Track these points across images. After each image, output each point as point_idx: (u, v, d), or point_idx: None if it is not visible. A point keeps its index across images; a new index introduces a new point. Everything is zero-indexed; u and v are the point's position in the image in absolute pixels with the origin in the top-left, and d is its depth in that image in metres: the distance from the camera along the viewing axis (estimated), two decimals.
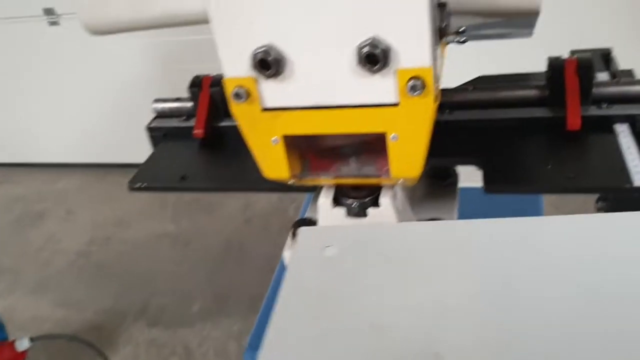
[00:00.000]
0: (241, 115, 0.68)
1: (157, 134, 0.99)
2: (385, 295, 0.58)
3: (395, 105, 0.64)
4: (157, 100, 1.00)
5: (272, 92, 0.65)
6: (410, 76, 0.61)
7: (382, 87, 0.63)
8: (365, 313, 0.57)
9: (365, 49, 0.59)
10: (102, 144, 3.18)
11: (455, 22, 0.79)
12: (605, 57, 1.05)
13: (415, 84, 0.60)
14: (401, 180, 0.72)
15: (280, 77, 0.64)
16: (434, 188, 0.93)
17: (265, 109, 0.67)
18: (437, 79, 0.65)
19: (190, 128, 0.96)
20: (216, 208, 2.77)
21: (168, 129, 0.99)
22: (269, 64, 0.62)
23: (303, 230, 0.68)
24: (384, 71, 0.61)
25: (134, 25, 0.67)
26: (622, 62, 1.08)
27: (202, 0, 0.61)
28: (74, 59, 2.86)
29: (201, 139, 0.94)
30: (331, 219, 0.78)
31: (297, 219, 0.83)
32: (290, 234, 0.82)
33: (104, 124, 3.11)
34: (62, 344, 2.00)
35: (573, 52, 1.06)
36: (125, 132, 2.83)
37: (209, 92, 0.94)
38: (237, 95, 0.65)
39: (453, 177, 0.94)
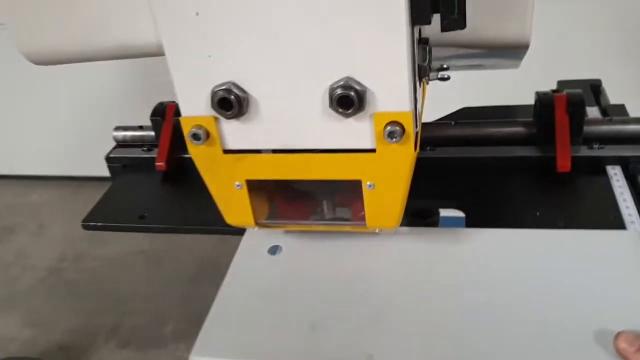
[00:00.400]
0: (200, 157, 0.61)
1: (116, 165, 0.92)
2: (325, 297, 0.62)
3: (371, 151, 0.57)
4: (118, 128, 0.93)
5: (234, 133, 0.59)
6: (387, 121, 0.54)
7: (357, 132, 0.56)
8: (303, 312, 0.61)
9: (338, 91, 0.53)
10: (76, 156, 3.09)
11: (439, 53, 0.74)
12: (594, 89, 1.00)
13: (393, 130, 0.54)
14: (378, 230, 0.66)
15: (244, 117, 0.57)
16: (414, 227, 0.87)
17: (227, 151, 0.60)
18: (417, 122, 0.59)
19: (153, 159, 0.89)
20: None
21: (128, 159, 0.92)
22: (230, 103, 0.55)
23: (250, 230, 0.71)
24: (359, 115, 0.54)
25: (81, 56, 0.60)
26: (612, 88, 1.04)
27: (156, 31, 0.54)
28: (47, 68, 2.77)
29: (163, 172, 0.88)
30: None
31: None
32: None
33: (79, 135, 3.02)
34: None
35: (560, 83, 1.01)
36: (100, 145, 2.74)
37: (173, 122, 0.87)
38: (195, 136, 0.58)
39: (435, 216, 0.88)
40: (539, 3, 0.66)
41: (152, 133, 0.92)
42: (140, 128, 0.94)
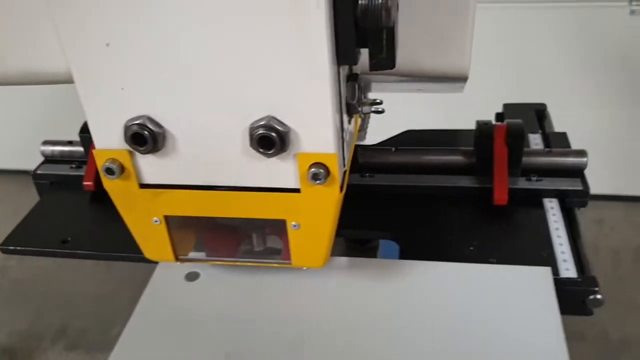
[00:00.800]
0: (115, 191, 0.57)
1: (43, 182, 0.87)
2: (243, 327, 0.61)
3: (296, 191, 0.55)
4: (46, 143, 0.88)
5: (151, 167, 0.56)
6: (311, 162, 0.52)
7: (280, 171, 0.54)
8: (219, 341, 0.60)
9: (259, 131, 0.50)
10: (26, 150, 2.99)
11: (379, 78, 0.71)
12: (539, 114, 0.99)
13: (318, 172, 0.52)
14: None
15: (161, 152, 0.54)
16: (352, 254, 0.85)
17: (144, 186, 0.57)
18: (345, 162, 0.56)
19: (81, 177, 0.84)
20: None
21: (56, 176, 0.88)
22: (144, 139, 0.52)
23: None
24: (282, 155, 0.52)
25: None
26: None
27: (65, 60, 0.51)
28: None
29: (92, 192, 0.83)
30: None
31: None
32: None
33: (31, 128, 2.93)
34: None
35: (506, 106, 1.01)
36: (52, 138, 2.66)
37: None
38: (109, 171, 0.55)
39: (373, 242, 0.86)
40: None
41: (82, 149, 0.87)
42: (70, 143, 0.89)
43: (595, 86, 2.16)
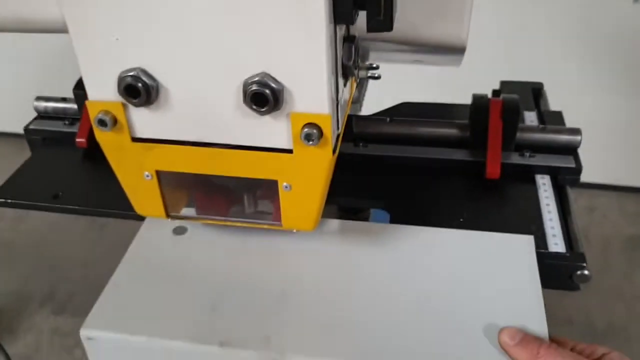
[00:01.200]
0: (107, 144, 0.57)
1: (35, 138, 0.87)
2: (229, 281, 0.62)
3: (288, 151, 0.54)
4: (39, 99, 0.88)
5: (144, 121, 0.55)
6: (305, 122, 0.52)
7: (273, 130, 0.53)
8: (204, 293, 0.61)
9: (253, 87, 0.50)
10: (21, 111, 2.97)
11: (377, 46, 0.71)
12: (535, 92, 0.99)
13: (310, 133, 0.51)
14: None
15: (154, 105, 0.53)
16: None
17: (136, 139, 0.56)
18: (340, 124, 0.56)
19: (74, 134, 0.84)
20: None
21: (48, 132, 0.87)
22: (138, 91, 0.51)
23: None
24: (276, 113, 0.51)
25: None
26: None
27: (60, 8, 0.50)
28: None
29: (84, 149, 0.83)
30: None
31: None
32: None
33: (26, 89, 2.90)
34: None
35: (503, 83, 1.00)
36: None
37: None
38: (102, 122, 0.54)
39: (365, 212, 0.87)
40: None
41: (75, 106, 0.87)
42: (64, 100, 0.89)
43: (593, 73, 2.16)
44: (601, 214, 2.42)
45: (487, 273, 0.63)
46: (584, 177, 0.80)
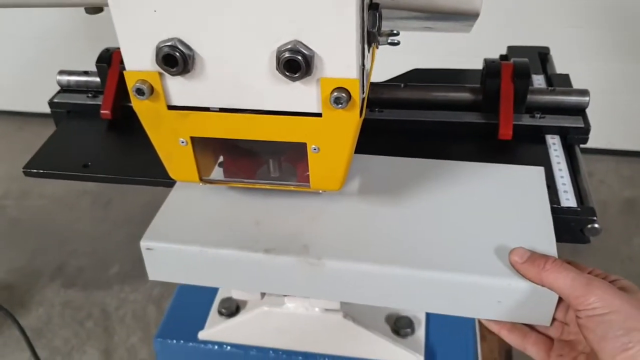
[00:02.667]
0: (144, 112, 0.60)
1: (60, 111, 0.89)
2: (271, 202, 0.69)
3: (317, 115, 0.57)
4: (62, 72, 0.90)
5: (179, 89, 0.58)
6: (334, 87, 0.54)
7: (303, 95, 0.56)
8: (250, 212, 0.68)
9: (286, 55, 0.52)
10: (21, 90, 2.97)
11: (389, 14, 0.73)
12: (542, 57, 1.02)
13: (340, 96, 0.54)
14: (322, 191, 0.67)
15: (189, 74, 0.56)
16: None
17: (172, 107, 0.59)
18: (365, 88, 0.59)
19: (98, 106, 0.86)
20: None
21: (72, 105, 0.90)
22: (175, 60, 0.54)
23: None
24: (306, 79, 0.54)
25: (23, 2, 0.57)
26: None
27: None
28: None
29: (109, 120, 0.86)
30: None
31: None
32: None
33: (24, 68, 2.90)
34: None
35: (510, 49, 1.03)
36: (47, 79, 2.64)
37: (119, 69, 0.85)
38: (139, 91, 0.57)
39: None
40: None
41: (98, 79, 0.89)
42: (86, 73, 0.91)
43: (592, 39, 2.17)
44: (598, 179, 2.46)
45: (502, 199, 0.68)
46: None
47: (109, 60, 0.87)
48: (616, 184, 2.45)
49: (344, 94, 0.54)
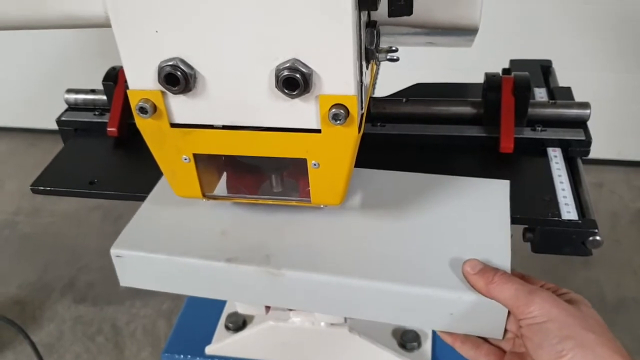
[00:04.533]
0: (147, 130, 0.61)
1: (67, 129, 0.91)
2: (237, 211, 0.72)
3: (316, 131, 0.58)
4: (69, 91, 0.92)
5: (181, 107, 0.59)
6: (332, 103, 0.55)
7: (302, 112, 0.57)
8: (216, 222, 0.71)
9: (284, 73, 0.53)
10: (33, 107, 3.01)
11: (391, 30, 0.74)
12: (545, 70, 1.02)
13: (338, 113, 0.55)
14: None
15: (191, 92, 0.57)
16: None
17: (174, 125, 0.60)
18: (363, 104, 0.60)
19: (104, 124, 0.88)
20: None
21: (80, 123, 0.91)
22: (177, 79, 0.55)
23: None
24: (305, 96, 0.55)
25: (26, 24, 0.59)
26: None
27: (103, 3, 0.54)
28: None
29: (115, 137, 0.87)
30: None
31: None
32: None
33: (35, 86, 2.94)
34: None
35: (513, 62, 1.04)
36: (58, 96, 2.67)
37: (125, 87, 0.86)
38: (142, 110, 0.58)
39: None
40: None
41: (104, 97, 0.91)
42: (93, 92, 0.93)
43: (601, 49, 2.17)
44: (609, 190, 2.45)
45: (463, 212, 0.70)
46: (592, 153, 0.84)
47: (115, 78, 0.89)
48: (627, 195, 2.43)
49: (342, 111, 0.55)
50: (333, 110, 0.55)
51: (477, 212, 0.70)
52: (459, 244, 0.66)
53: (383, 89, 1.01)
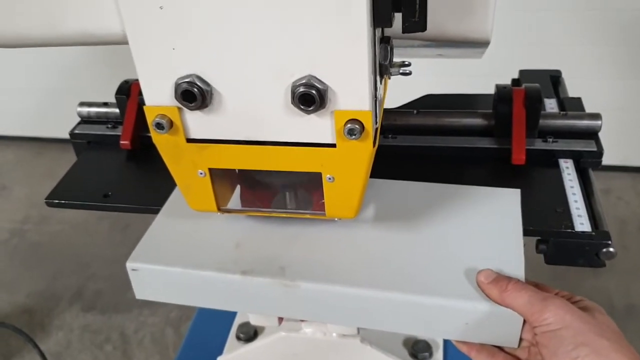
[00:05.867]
0: (163, 145, 0.62)
1: (80, 141, 0.92)
2: (251, 224, 0.72)
3: (332, 146, 0.59)
4: (82, 104, 0.92)
5: (198, 123, 0.60)
6: (347, 118, 0.56)
7: (318, 127, 0.58)
8: (231, 234, 0.71)
9: (300, 89, 0.54)
10: (41, 116, 3.03)
11: (401, 42, 0.75)
12: (554, 80, 1.03)
13: (353, 128, 0.56)
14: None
15: (207, 109, 0.58)
16: None
17: (190, 140, 0.61)
18: (377, 119, 0.60)
19: (117, 137, 0.89)
20: None
21: (93, 136, 0.92)
22: (194, 95, 0.56)
23: None
24: (320, 112, 0.56)
25: (44, 42, 0.60)
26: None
27: (120, 21, 0.55)
28: None
29: (128, 150, 0.88)
30: None
31: None
32: None
33: (44, 95, 2.96)
34: None
35: (522, 72, 1.04)
36: (65, 105, 2.69)
37: (138, 100, 0.87)
38: (159, 126, 0.59)
39: None
40: None
41: (117, 110, 0.91)
42: (105, 105, 0.94)
43: (608, 56, 2.17)
44: (616, 196, 2.44)
45: (476, 221, 0.70)
46: None
47: (128, 91, 0.90)
48: (634, 201, 2.43)
49: (357, 126, 0.56)
50: (348, 125, 0.56)
51: (489, 222, 0.70)
52: (472, 253, 0.66)
53: (393, 100, 1.01)
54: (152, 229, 0.73)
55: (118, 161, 0.90)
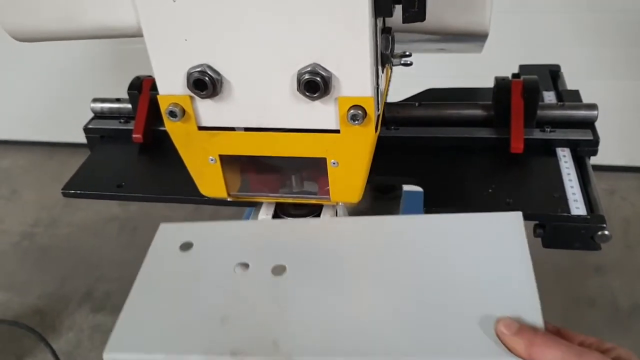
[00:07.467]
0: (176, 133, 0.65)
1: (94, 136, 0.95)
2: (234, 291, 0.64)
3: (335, 131, 0.62)
4: (95, 100, 0.96)
5: (208, 111, 0.63)
6: (350, 105, 0.59)
7: (322, 113, 0.61)
8: (213, 307, 0.62)
9: (305, 76, 0.57)
10: (50, 121, 3.07)
11: (403, 37, 0.78)
12: (553, 74, 1.05)
13: (356, 114, 0.59)
14: (341, 203, 0.71)
15: (218, 97, 0.61)
16: (377, 202, 0.93)
17: (202, 128, 0.64)
18: (379, 106, 0.63)
19: (130, 131, 0.92)
20: None
21: (106, 130, 0.95)
22: (205, 84, 0.59)
23: (163, 226, 0.72)
24: (325, 98, 0.59)
25: (62, 35, 0.63)
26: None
27: (135, 14, 0.58)
28: None
29: (140, 144, 0.91)
30: None
31: None
32: None
33: (53, 100, 3.00)
34: (3, 329, 1.94)
35: (522, 67, 1.07)
36: (75, 109, 2.73)
37: (149, 95, 0.91)
38: (172, 114, 0.62)
39: (397, 191, 0.94)
40: None
41: (129, 106, 0.95)
42: (118, 100, 0.97)
43: (610, 57, 2.18)
44: (620, 197, 2.45)
45: (478, 258, 0.62)
46: (603, 160, 0.86)
47: (140, 87, 0.93)
48: (639, 201, 2.44)
49: (360, 112, 0.59)
50: (351, 111, 0.59)
51: (494, 258, 0.61)
52: (482, 299, 0.58)
53: (396, 95, 1.04)
54: (127, 311, 0.64)
55: (130, 154, 0.93)
